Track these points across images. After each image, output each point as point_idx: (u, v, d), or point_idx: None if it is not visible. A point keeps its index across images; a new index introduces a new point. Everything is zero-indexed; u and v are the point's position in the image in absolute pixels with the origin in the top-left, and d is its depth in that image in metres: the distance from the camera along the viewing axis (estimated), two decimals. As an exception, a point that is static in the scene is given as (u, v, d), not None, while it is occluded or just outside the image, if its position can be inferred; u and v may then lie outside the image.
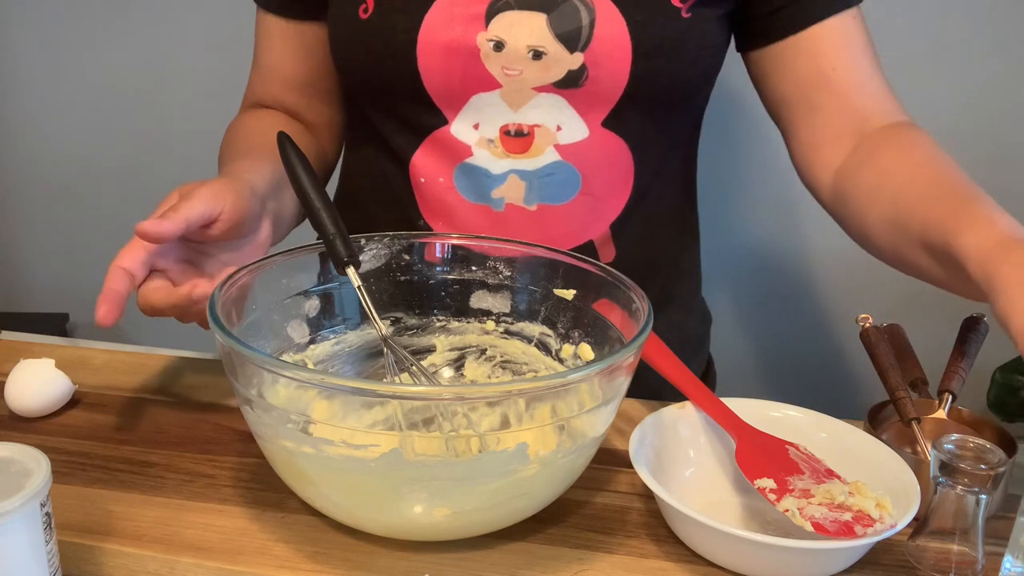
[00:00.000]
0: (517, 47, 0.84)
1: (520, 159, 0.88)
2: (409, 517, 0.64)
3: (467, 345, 0.84)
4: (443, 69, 0.86)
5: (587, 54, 0.84)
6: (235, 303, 0.72)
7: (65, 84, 1.89)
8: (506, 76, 0.85)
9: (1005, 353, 1.43)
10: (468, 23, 0.84)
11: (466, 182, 0.90)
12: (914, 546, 0.66)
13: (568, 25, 0.84)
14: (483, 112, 0.87)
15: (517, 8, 0.84)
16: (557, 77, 0.85)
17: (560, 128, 0.87)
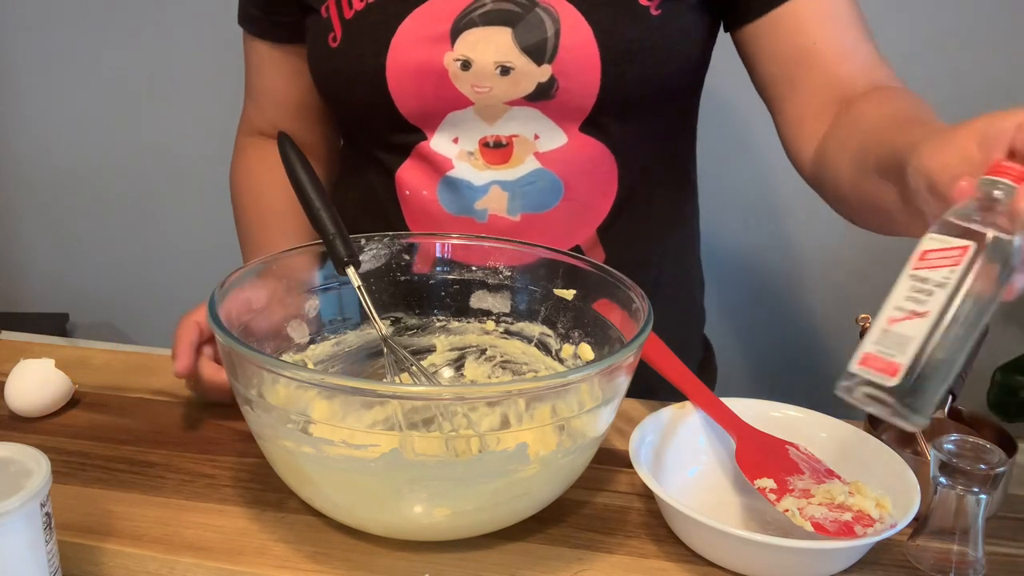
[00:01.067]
0: (484, 64, 0.83)
1: (501, 169, 0.88)
2: (409, 517, 0.64)
3: (467, 345, 0.84)
4: (414, 92, 0.86)
5: (555, 65, 0.83)
6: (235, 303, 0.72)
7: (65, 84, 1.89)
8: (476, 94, 0.85)
9: (1005, 353, 1.44)
10: (434, 44, 0.84)
11: (449, 194, 0.90)
12: (914, 546, 0.66)
13: (533, 38, 0.83)
14: (460, 127, 0.87)
15: (482, 24, 0.83)
16: (527, 91, 0.84)
17: (538, 137, 0.87)
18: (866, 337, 0.55)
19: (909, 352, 0.53)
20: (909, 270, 0.55)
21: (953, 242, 0.54)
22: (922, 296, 0.54)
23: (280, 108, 1.00)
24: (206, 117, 1.81)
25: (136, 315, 2.02)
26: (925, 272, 0.55)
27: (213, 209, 1.82)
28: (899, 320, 0.54)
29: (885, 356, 0.54)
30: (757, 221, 1.68)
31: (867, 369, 0.54)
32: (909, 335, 0.53)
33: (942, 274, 0.54)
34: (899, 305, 0.55)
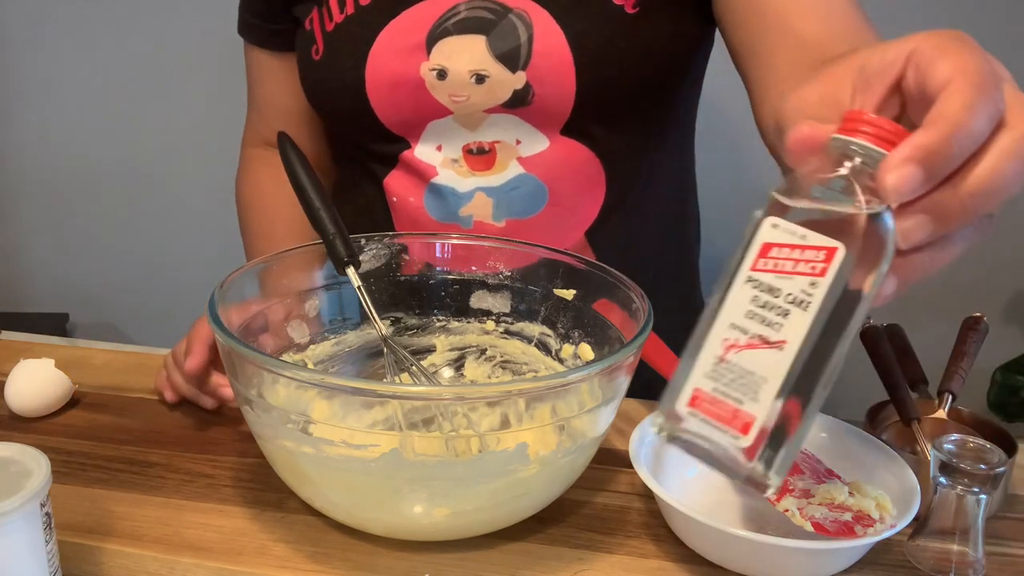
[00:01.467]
0: (459, 73, 0.83)
1: (485, 176, 0.88)
2: (409, 517, 0.64)
3: (467, 345, 0.84)
4: (393, 102, 0.86)
5: (529, 72, 0.83)
6: (235, 303, 0.72)
7: (65, 85, 1.89)
8: (454, 103, 0.85)
9: (1005, 353, 1.44)
10: (410, 54, 0.84)
11: (435, 201, 0.91)
12: (914, 546, 0.66)
13: (507, 45, 0.82)
14: (443, 135, 0.87)
15: (456, 33, 0.83)
16: (504, 98, 0.84)
17: (520, 142, 0.87)
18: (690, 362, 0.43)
19: (765, 400, 0.40)
20: (747, 269, 0.42)
21: (813, 239, 0.41)
22: (773, 315, 0.41)
23: (283, 116, 1.00)
24: (207, 117, 1.81)
25: (136, 315, 2.02)
26: (773, 278, 0.41)
27: (213, 209, 1.82)
28: (742, 348, 0.41)
29: (728, 400, 0.41)
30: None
31: (701, 415, 0.42)
32: (761, 374, 0.40)
33: (800, 286, 0.40)
34: (739, 323, 0.42)
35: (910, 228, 0.42)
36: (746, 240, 0.43)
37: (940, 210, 0.42)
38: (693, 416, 0.42)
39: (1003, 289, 1.62)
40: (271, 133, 1.02)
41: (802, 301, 0.40)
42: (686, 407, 0.43)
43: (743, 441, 0.41)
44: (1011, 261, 1.60)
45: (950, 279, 1.59)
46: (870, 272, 0.41)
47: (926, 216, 0.42)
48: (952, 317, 0.89)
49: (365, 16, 0.85)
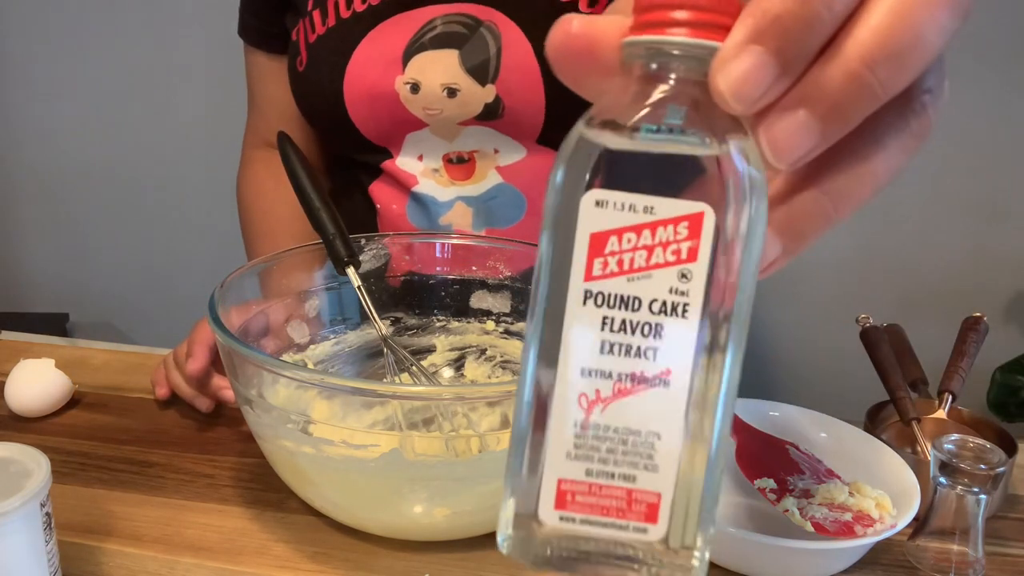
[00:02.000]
0: (432, 87, 0.84)
1: (465, 185, 0.89)
2: (409, 517, 0.64)
3: (467, 345, 0.84)
4: (372, 115, 0.87)
5: (498, 85, 0.83)
6: (235, 303, 0.72)
7: (65, 85, 1.89)
8: (428, 115, 0.86)
9: (1005, 353, 1.44)
10: (387, 68, 0.85)
11: (416, 210, 0.91)
12: (914, 546, 0.66)
13: (477, 58, 0.83)
14: (422, 145, 0.88)
15: (432, 48, 0.84)
16: (476, 112, 0.85)
17: (497, 151, 0.87)
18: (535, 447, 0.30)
19: (666, 463, 0.29)
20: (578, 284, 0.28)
21: (664, 208, 0.27)
22: (639, 339, 0.28)
23: (283, 118, 1.00)
24: (207, 118, 1.81)
25: (136, 315, 2.02)
26: (623, 285, 0.28)
27: (213, 209, 1.82)
28: (610, 400, 0.29)
29: (613, 483, 0.29)
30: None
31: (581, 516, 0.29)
32: (650, 428, 0.29)
33: (666, 284, 0.28)
34: (593, 366, 0.29)
35: (782, 134, 0.27)
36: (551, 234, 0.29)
37: (822, 97, 0.27)
38: (567, 521, 0.29)
39: (1003, 289, 1.62)
40: (271, 134, 1.02)
41: (675, 305, 0.28)
42: (552, 511, 0.29)
43: (655, 531, 0.29)
44: (1011, 261, 1.60)
45: (950, 279, 1.60)
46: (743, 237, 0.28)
47: (804, 111, 0.27)
48: (952, 317, 0.89)
49: (345, 29, 0.86)
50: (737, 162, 0.27)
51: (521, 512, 0.30)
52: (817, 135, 0.27)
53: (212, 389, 0.82)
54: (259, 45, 0.98)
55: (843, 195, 0.29)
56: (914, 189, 1.57)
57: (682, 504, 0.29)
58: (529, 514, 0.30)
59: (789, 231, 0.30)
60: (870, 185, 0.29)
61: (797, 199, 0.30)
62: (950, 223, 1.60)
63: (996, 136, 1.54)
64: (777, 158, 0.27)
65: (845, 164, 0.29)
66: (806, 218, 0.30)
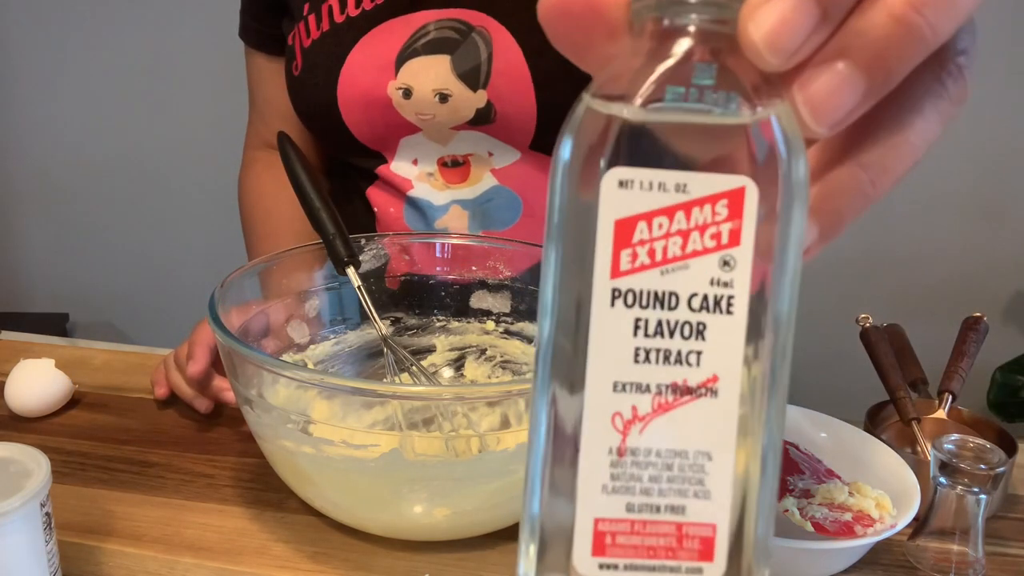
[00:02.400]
0: (423, 92, 0.84)
1: (460, 189, 0.89)
2: (409, 517, 0.64)
3: (467, 345, 0.84)
4: (365, 119, 0.87)
5: (489, 91, 0.83)
6: (235, 303, 0.72)
7: (65, 84, 1.89)
8: (421, 120, 0.86)
9: (1005, 353, 1.44)
10: (379, 73, 0.85)
11: (413, 214, 0.92)
12: (914, 546, 0.66)
13: (468, 64, 0.83)
14: (417, 149, 0.88)
15: (424, 53, 0.84)
16: (468, 117, 0.85)
17: (492, 154, 0.88)
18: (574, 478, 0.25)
19: (719, 486, 0.25)
20: (604, 281, 0.24)
21: (699, 184, 0.24)
22: (680, 342, 0.24)
23: (283, 119, 1.00)
24: (207, 118, 1.81)
25: (136, 315, 2.02)
26: (656, 280, 0.24)
27: (213, 209, 1.82)
28: (651, 418, 0.24)
29: (660, 517, 0.25)
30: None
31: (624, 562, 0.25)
32: (699, 448, 0.25)
33: (707, 274, 0.24)
34: (628, 379, 0.24)
35: (822, 91, 0.24)
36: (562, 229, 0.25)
37: (865, 45, 0.24)
38: (608, 570, 0.25)
39: (1003, 289, 1.62)
40: (271, 135, 1.02)
41: (719, 299, 0.24)
42: (589, 559, 0.24)
43: (711, 571, 0.25)
44: (1011, 261, 1.60)
45: (950, 279, 1.60)
46: (788, 216, 0.24)
47: (845, 63, 0.24)
48: (952, 317, 0.89)
49: (339, 34, 0.86)
50: (776, 129, 0.23)
51: (548, 564, 0.25)
52: (861, 90, 0.24)
53: (213, 391, 0.82)
54: (259, 47, 0.98)
55: (881, 168, 0.27)
56: (914, 189, 1.57)
57: (737, 536, 0.25)
58: (558, 565, 0.25)
59: (826, 211, 0.27)
60: (908, 156, 0.27)
61: (832, 176, 0.27)
62: (950, 223, 1.60)
63: (996, 136, 1.54)
64: (817, 120, 0.24)
65: (882, 134, 0.26)
66: (843, 196, 0.27)
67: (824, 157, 0.27)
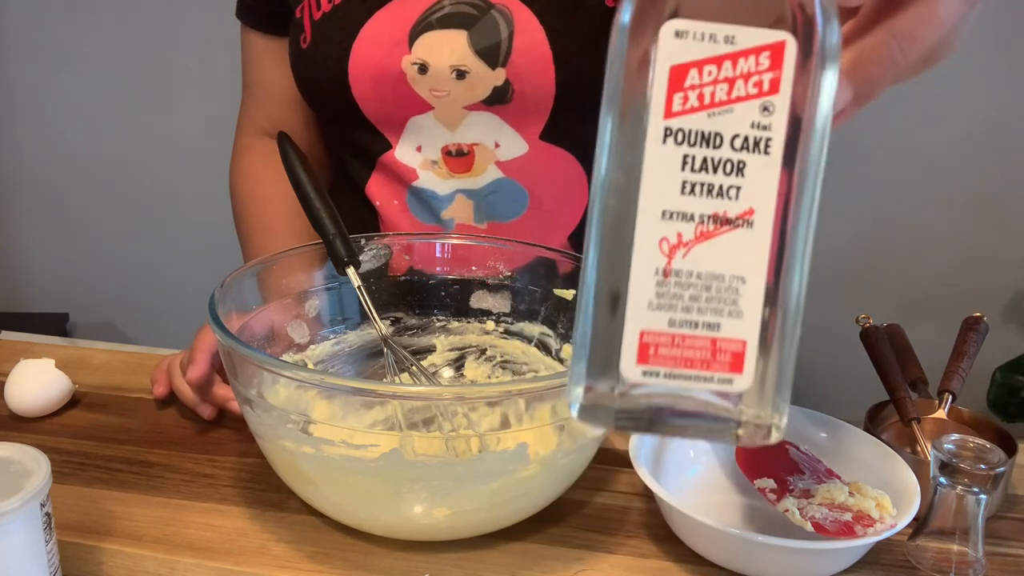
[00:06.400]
0: (440, 68, 0.83)
1: (464, 178, 0.88)
2: (409, 517, 0.64)
3: (467, 345, 0.84)
4: (375, 95, 0.86)
5: (508, 69, 0.82)
6: (235, 303, 0.72)
7: (65, 84, 1.89)
8: (435, 97, 0.85)
9: (1005, 353, 1.44)
10: (393, 47, 0.84)
11: (417, 204, 0.91)
12: (914, 546, 0.66)
13: (487, 41, 0.82)
14: (423, 134, 0.87)
15: (439, 28, 0.83)
16: (484, 95, 0.84)
17: (498, 145, 0.87)
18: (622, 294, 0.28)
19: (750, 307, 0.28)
20: (658, 121, 0.28)
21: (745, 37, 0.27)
22: (722, 177, 0.28)
23: (278, 103, 0.99)
24: (207, 117, 1.80)
25: (136, 315, 2.02)
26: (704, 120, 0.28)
27: (213, 209, 1.82)
28: (693, 243, 0.28)
29: (698, 332, 0.28)
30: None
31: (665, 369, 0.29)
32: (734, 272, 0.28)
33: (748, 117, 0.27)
34: (676, 208, 0.28)
35: None
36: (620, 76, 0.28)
37: None
38: (650, 376, 0.29)
39: (1003, 289, 1.62)
40: (266, 120, 1.01)
41: (758, 140, 0.27)
42: (635, 366, 0.29)
43: (740, 382, 0.29)
44: (1011, 261, 1.60)
45: (950, 279, 1.60)
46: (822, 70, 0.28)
47: None
48: (952, 317, 0.89)
49: (351, 7, 0.85)
50: None
51: (596, 372, 0.29)
52: None
53: (217, 399, 0.81)
54: (257, 26, 0.97)
55: (909, 36, 0.31)
56: (914, 189, 1.57)
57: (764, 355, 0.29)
58: (606, 373, 0.29)
59: (859, 74, 0.31)
60: (935, 27, 0.30)
61: (865, 42, 0.31)
62: (950, 223, 1.60)
63: (996, 136, 1.54)
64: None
65: (912, 5, 0.31)
66: (875, 61, 0.31)
67: (859, 26, 0.32)
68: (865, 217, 1.58)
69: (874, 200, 1.57)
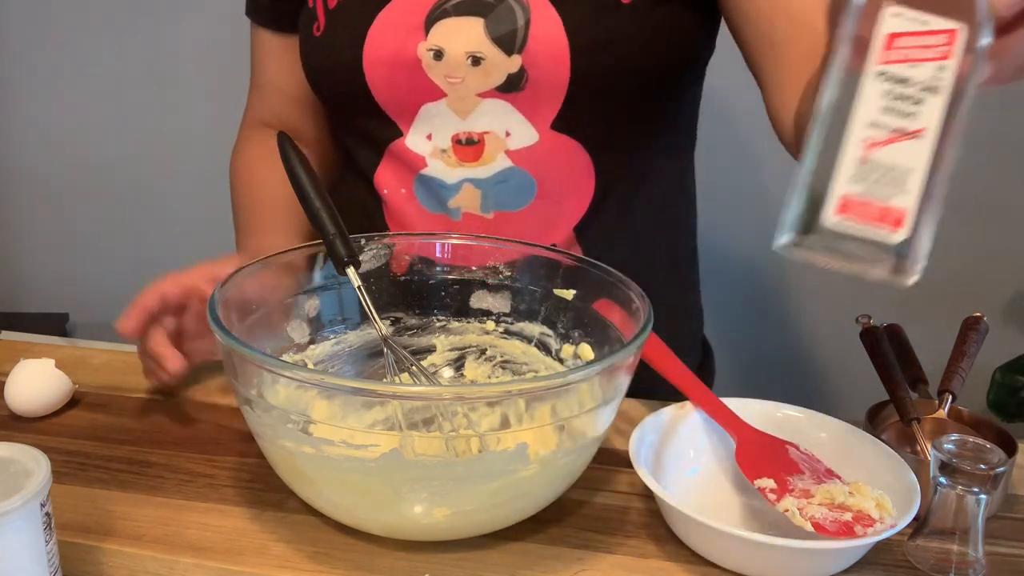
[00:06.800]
0: (456, 54, 0.84)
1: (473, 167, 0.88)
2: (409, 517, 0.64)
3: (467, 345, 0.84)
4: (389, 81, 0.86)
5: (524, 56, 0.83)
6: (235, 303, 0.72)
7: (65, 84, 1.89)
8: (449, 84, 0.85)
9: (1005, 353, 1.44)
10: (408, 34, 0.85)
11: (424, 193, 0.91)
12: (914, 546, 0.66)
13: (503, 28, 0.83)
14: (434, 122, 0.88)
15: (455, 15, 0.84)
16: (498, 82, 0.84)
17: (509, 134, 0.87)
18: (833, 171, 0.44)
19: (913, 190, 0.43)
20: (874, 66, 0.43)
21: (935, 22, 0.43)
22: (908, 106, 0.43)
23: (283, 98, 1.00)
24: (207, 117, 1.80)
25: (136, 315, 2.02)
26: (901, 69, 0.43)
27: (214, 209, 1.82)
28: (884, 144, 0.43)
29: (876, 200, 0.43)
30: (757, 221, 1.68)
31: (854, 221, 0.44)
32: (906, 166, 0.43)
33: (930, 72, 0.43)
34: (877, 120, 0.43)
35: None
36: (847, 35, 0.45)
37: None
38: (844, 223, 0.44)
39: (1003, 289, 1.62)
40: (270, 115, 1.02)
41: (934, 86, 0.43)
42: (835, 216, 0.44)
43: (898, 235, 0.44)
44: (1011, 261, 1.60)
45: (950, 279, 1.60)
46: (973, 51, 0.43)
47: None
48: (952, 317, 0.89)
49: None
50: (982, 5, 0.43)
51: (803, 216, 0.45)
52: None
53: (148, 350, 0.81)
54: (266, 24, 0.98)
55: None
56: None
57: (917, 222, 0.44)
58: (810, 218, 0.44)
59: (999, 59, 0.44)
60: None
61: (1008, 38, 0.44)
62: (950, 223, 1.59)
63: (996, 136, 1.54)
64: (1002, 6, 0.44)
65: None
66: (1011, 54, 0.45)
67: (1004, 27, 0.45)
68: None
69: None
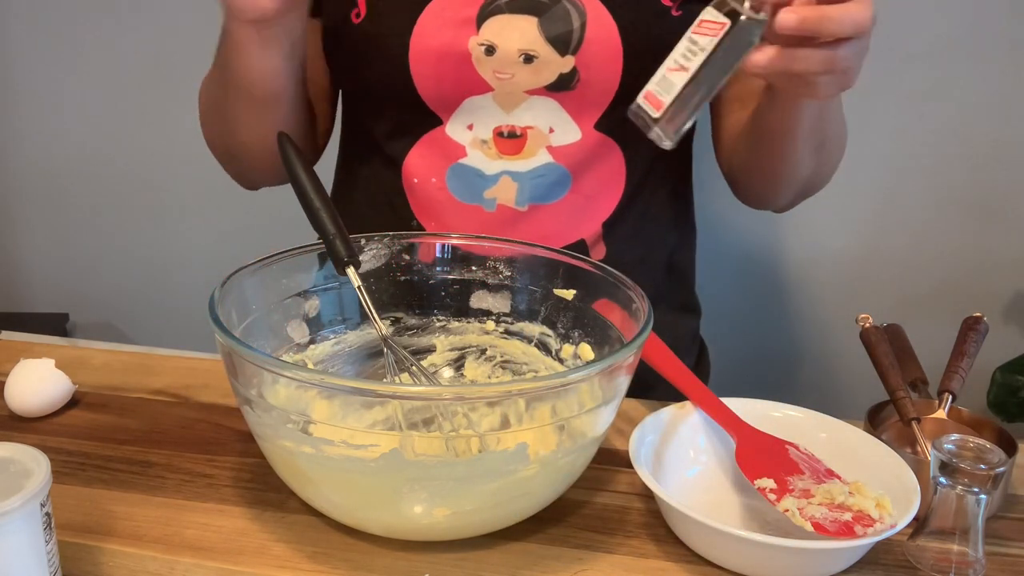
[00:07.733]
0: (508, 51, 0.84)
1: (513, 160, 0.89)
2: (409, 517, 0.64)
3: (467, 345, 0.84)
4: (435, 74, 0.86)
5: (578, 57, 0.84)
6: (235, 303, 0.72)
7: (65, 84, 1.88)
8: (498, 80, 0.85)
9: (1005, 353, 1.44)
10: (459, 27, 0.84)
11: (458, 182, 0.91)
12: (914, 546, 0.66)
13: (559, 28, 0.84)
14: (476, 114, 0.88)
15: (508, 12, 0.84)
16: (548, 80, 0.85)
17: (553, 130, 0.87)
18: (653, 78, 0.69)
19: (670, 96, 0.67)
20: (690, 32, 0.67)
21: (719, 17, 0.66)
22: (689, 56, 0.66)
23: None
24: (206, 117, 1.80)
25: (136, 315, 2.02)
26: (697, 37, 0.66)
27: (214, 209, 1.82)
28: (673, 70, 0.67)
29: (657, 95, 0.68)
30: (757, 221, 1.68)
31: (645, 102, 0.69)
32: (674, 83, 0.67)
33: (705, 41, 0.66)
34: (676, 59, 0.67)
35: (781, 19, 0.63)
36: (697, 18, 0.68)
37: None
38: (645, 101, 0.68)
39: (1003, 289, 1.62)
40: None
41: (704, 48, 0.65)
42: (641, 99, 0.69)
43: (657, 114, 0.67)
44: (1011, 261, 1.60)
45: (950, 279, 1.60)
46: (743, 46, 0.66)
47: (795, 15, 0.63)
48: (952, 317, 0.89)
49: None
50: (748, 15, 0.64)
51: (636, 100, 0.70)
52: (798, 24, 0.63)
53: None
54: None
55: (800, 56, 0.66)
56: (914, 188, 1.57)
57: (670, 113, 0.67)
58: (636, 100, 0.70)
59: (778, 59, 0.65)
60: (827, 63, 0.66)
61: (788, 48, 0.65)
62: (950, 223, 1.59)
63: (996, 135, 1.54)
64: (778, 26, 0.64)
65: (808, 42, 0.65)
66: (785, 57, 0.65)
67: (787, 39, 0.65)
68: (865, 217, 1.58)
69: (874, 200, 1.57)
